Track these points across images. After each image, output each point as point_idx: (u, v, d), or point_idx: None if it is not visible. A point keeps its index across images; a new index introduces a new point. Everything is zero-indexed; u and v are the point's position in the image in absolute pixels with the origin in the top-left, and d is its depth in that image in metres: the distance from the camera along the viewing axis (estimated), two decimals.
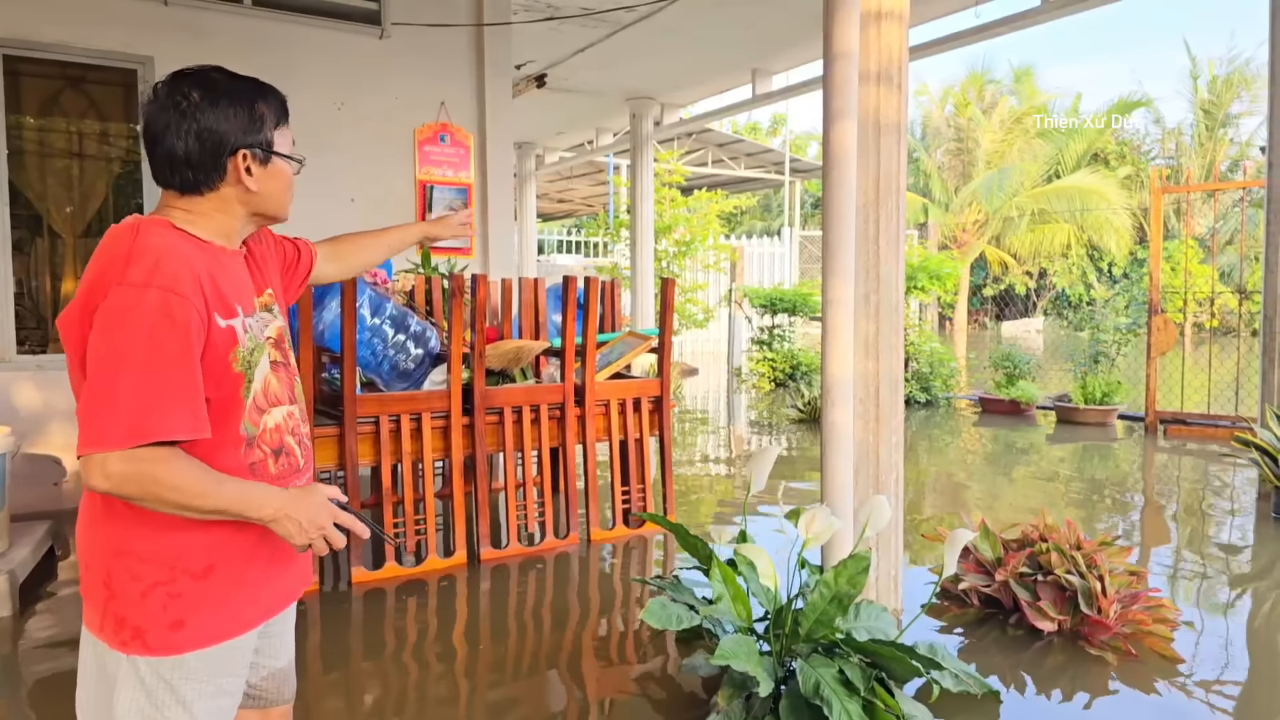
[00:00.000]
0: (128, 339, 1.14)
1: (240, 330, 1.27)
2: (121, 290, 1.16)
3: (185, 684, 1.27)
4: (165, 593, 1.25)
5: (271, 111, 1.34)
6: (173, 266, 1.19)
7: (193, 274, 1.21)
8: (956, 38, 6.42)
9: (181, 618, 1.26)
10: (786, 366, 9.89)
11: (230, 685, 1.34)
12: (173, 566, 1.25)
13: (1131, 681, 2.63)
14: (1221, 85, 20.45)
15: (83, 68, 4.74)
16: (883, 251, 2.89)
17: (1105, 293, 11.64)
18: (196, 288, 1.20)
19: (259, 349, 1.31)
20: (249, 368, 1.28)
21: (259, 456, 1.32)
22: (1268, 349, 4.82)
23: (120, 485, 1.15)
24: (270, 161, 1.33)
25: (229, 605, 1.30)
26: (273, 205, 1.36)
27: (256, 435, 1.31)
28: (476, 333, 3.63)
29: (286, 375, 1.39)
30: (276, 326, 1.38)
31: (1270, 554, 3.95)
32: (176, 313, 1.17)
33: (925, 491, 5.25)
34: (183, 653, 1.26)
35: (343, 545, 1.30)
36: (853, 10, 2.66)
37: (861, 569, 2.28)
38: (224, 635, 1.30)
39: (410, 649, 2.96)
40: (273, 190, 1.35)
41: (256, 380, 1.30)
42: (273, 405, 1.34)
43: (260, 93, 1.34)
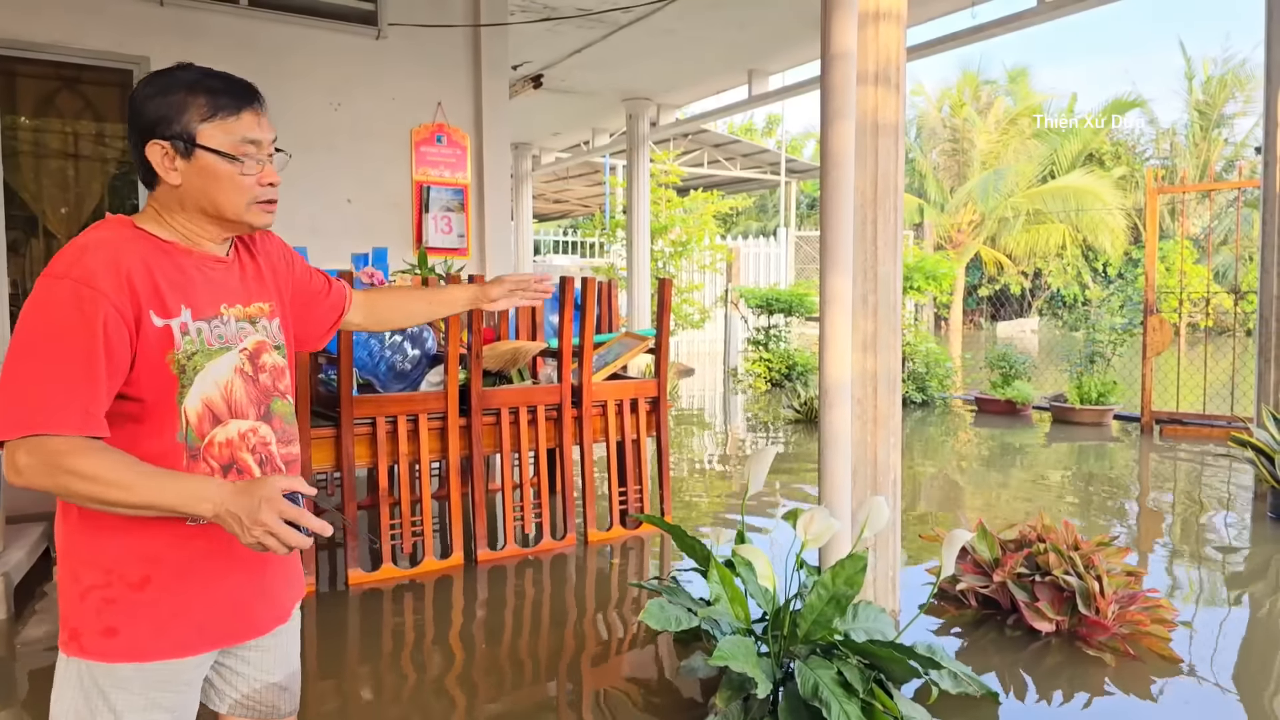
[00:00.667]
0: (32, 329, 1.14)
1: (178, 331, 1.22)
2: (41, 281, 1.16)
3: (116, 692, 1.25)
4: (100, 597, 1.24)
5: (206, 102, 1.24)
6: (94, 260, 1.16)
7: (118, 268, 1.17)
8: (953, 38, 6.43)
9: (114, 625, 1.24)
10: (783, 367, 9.89)
11: (167, 701, 1.29)
12: (109, 571, 1.24)
13: (1129, 682, 2.63)
14: (1216, 86, 20.52)
15: (78, 68, 4.72)
16: (881, 251, 2.89)
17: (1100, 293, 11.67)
18: (120, 282, 1.17)
19: (204, 354, 1.25)
20: (183, 371, 1.23)
21: (204, 470, 1.26)
22: (1263, 349, 4.83)
23: (31, 478, 1.12)
24: (194, 155, 1.24)
25: (166, 624, 1.26)
26: (209, 203, 1.27)
27: (201, 447, 1.26)
28: (473, 333, 3.62)
29: (257, 391, 1.32)
30: (255, 340, 1.33)
31: (1266, 554, 3.96)
32: (85, 306, 1.14)
33: (922, 492, 5.25)
34: (114, 661, 1.24)
35: (297, 543, 1.12)
36: (851, 11, 2.66)
37: (859, 569, 2.28)
38: (158, 654, 1.26)
39: (406, 651, 2.95)
40: (204, 187, 1.25)
41: (199, 386, 1.24)
42: (234, 416, 1.29)
43: (199, 83, 1.25)
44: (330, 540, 4.16)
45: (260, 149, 1.29)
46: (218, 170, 1.26)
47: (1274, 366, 4.77)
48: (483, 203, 5.58)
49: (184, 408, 1.23)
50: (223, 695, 1.42)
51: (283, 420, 1.37)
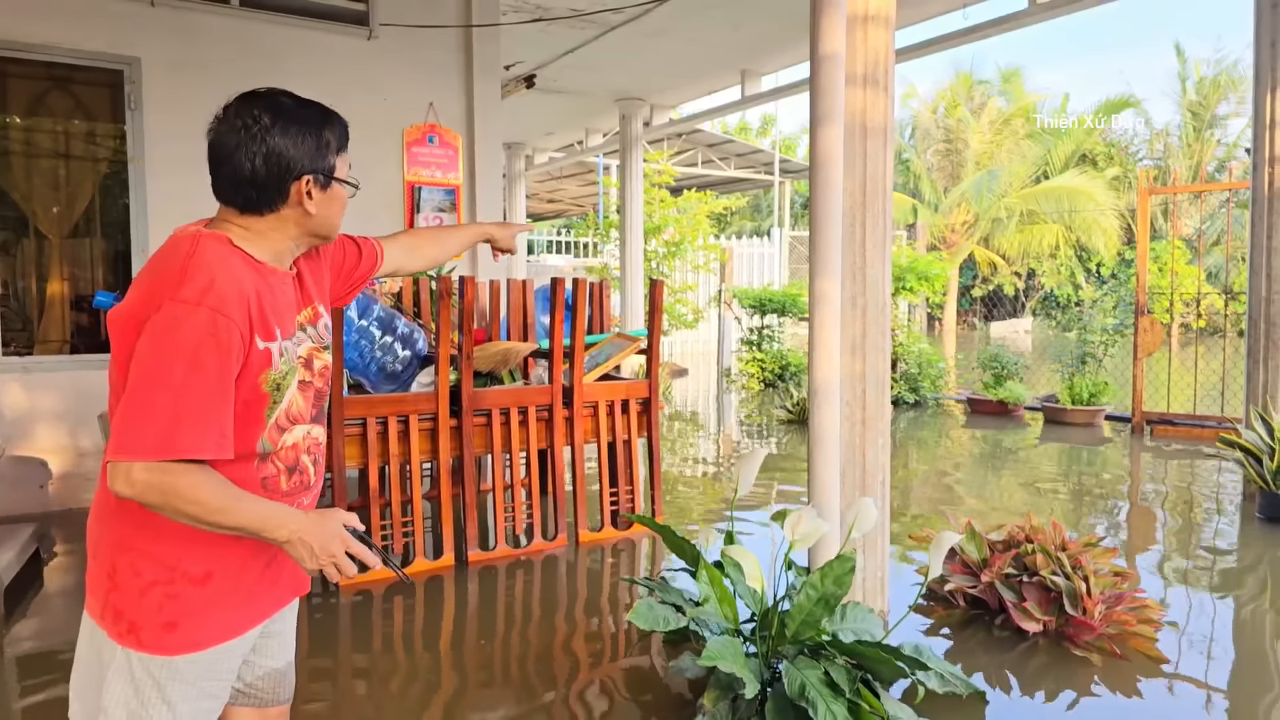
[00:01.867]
0: (172, 355, 1.18)
1: (276, 354, 1.30)
2: (173, 306, 1.20)
3: (171, 684, 1.31)
4: (163, 593, 1.29)
5: (335, 138, 1.37)
6: (224, 287, 1.23)
7: (242, 295, 1.24)
8: (945, 39, 6.45)
9: (175, 620, 1.29)
10: (775, 367, 9.91)
11: (215, 689, 1.36)
12: (173, 568, 1.29)
13: (1116, 682, 2.65)
14: (1208, 87, 20.60)
15: (69, 68, 4.71)
16: (869, 254, 2.90)
17: (1093, 293, 11.69)
18: (244, 309, 1.24)
19: (292, 372, 1.34)
20: (277, 390, 1.31)
21: (272, 471, 1.34)
22: (1252, 350, 4.85)
23: (143, 493, 1.18)
24: (330, 187, 1.36)
25: (222, 613, 1.33)
26: (326, 227, 1.40)
27: (273, 452, 1.34)
28: (464, 334, 3.63)
29: (313, 395, 1.40)
30: (309, 346, 1.40)
31: (1254, 554, 3.98)
32: (222, 334, 1.20)
33: (912, 492, 5.27)
34: (173, 654, 1.29)
35: (353, 574, 1.30)
36: (839, 13, 2.67)
37: (847, 570, 2.29)
38: (214, 641, 1.33)
39: (397, 651, 2.95)
40: (329, 214, 1.38)
41: (283, 402, 1.33)
42: (294, 423, 1.36)
43: (327, 120, 1.37)
44: None
45: None
46: (343, 197, 1.40)
47: (1263, 368, 4.79)
48: (474, 203, 5.58)
49: (269, 422, 1.31)
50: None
51: (324, 417, 1.48)
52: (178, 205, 4.75)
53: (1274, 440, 4.35)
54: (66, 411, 4.60)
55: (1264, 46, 4.68)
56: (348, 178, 1.41)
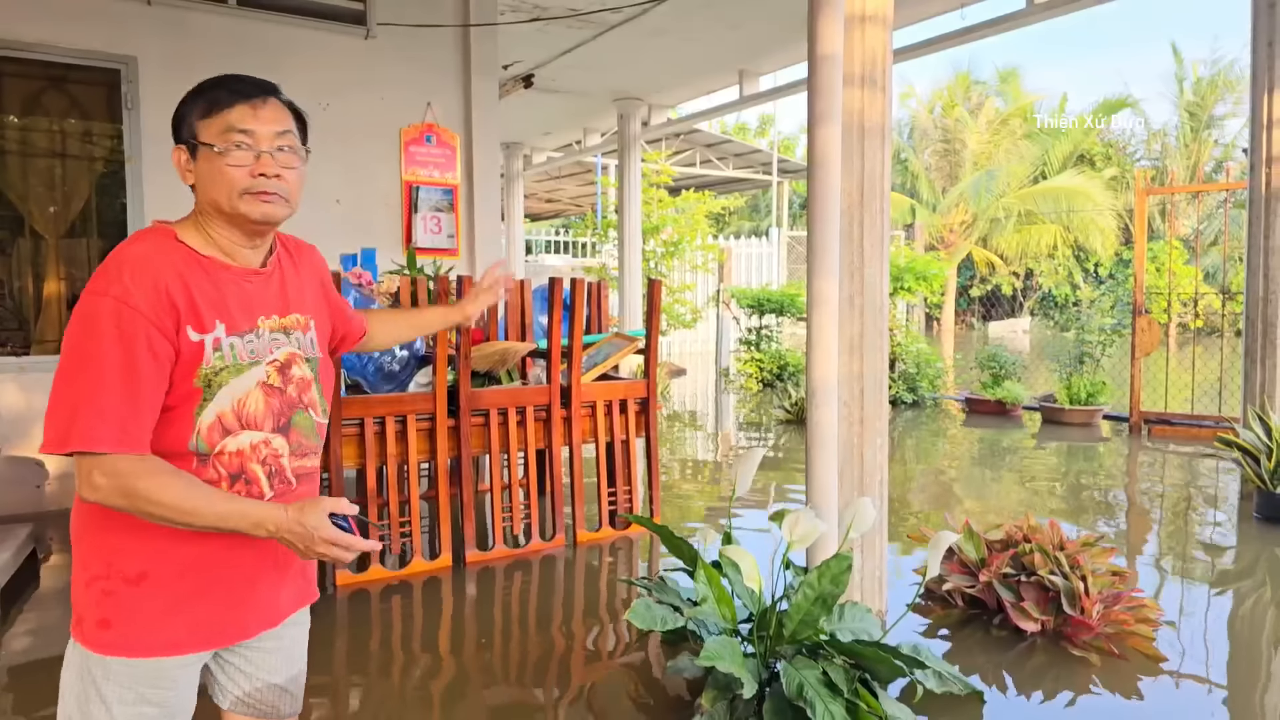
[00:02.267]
0: (76, 347, 1.18)
1: (210, 348, 1.26)
2: (85, 299, 1.20)
3: (106, 683, 1.28)
4: (100, 588, 1.28)
5: (202, 101, 1.29)
6: (133, 277, 1.20)
7: (157, 285, 1.21)
8: (943, 39, 6.45)
9: (108, 618, 1.27)
10: (774, 367, 9.91)
11: (155, 697, 1.31)
12: (109, 564, 1.27)
13: (1114, 681, 2.65)
14: (1206, 87, 20.64)
15: (65, 67, 4.70)
16: (867, 253, 2.90)
17: (1091, 293, 11.71)
18: (158, 299, 1.20)
19: (232, 370, 1.28)
20: (208, 385, 1.26)
21: (212, 476, 1.28)
22: (1250, 350, 4.86)
23: (107, 497, 1.18)
24: (198, 153, 1.28)
25: (158, 622, 1.28)
26: (210, 200, 1.29)
27: (211, 454, 1.28)
28: (462, 334, 3.62)
29: (281, 403, 1.34)
30: (287, 351, 1.35)
31: (1252, 554, 3.98)
32: (125, 324, 1.18)
33: (911, 492, 5.27)
34: (105, 654, 1.27)
35: (350, 559, 1.27)
36: (836, 13, 2.67)
37: (844, 569, 2.29)
38: (147, 652, 1.28)
39: (394, 652, 2.95)
40: (204, 184, 1.28)
41: (219, 400, 1.27)
42: (245, 428, 1.30)
43: (207, 86, 1.31)
44: None
45: (255, 140, 1.29)
46: (211, 164, 1.28)
47: (1260, 367, 4.80)
48: (472, 203, 5.57)
49: (199, 420, 1.27)
50: (225, 691, 1.45)
51: (301, 433, 1.38)
52: (174, 204, 4.72)
53: (1272, 440, 4.35)
54: None
55: (1261, 46, 4.69)
56: (212, 140, 1.26)
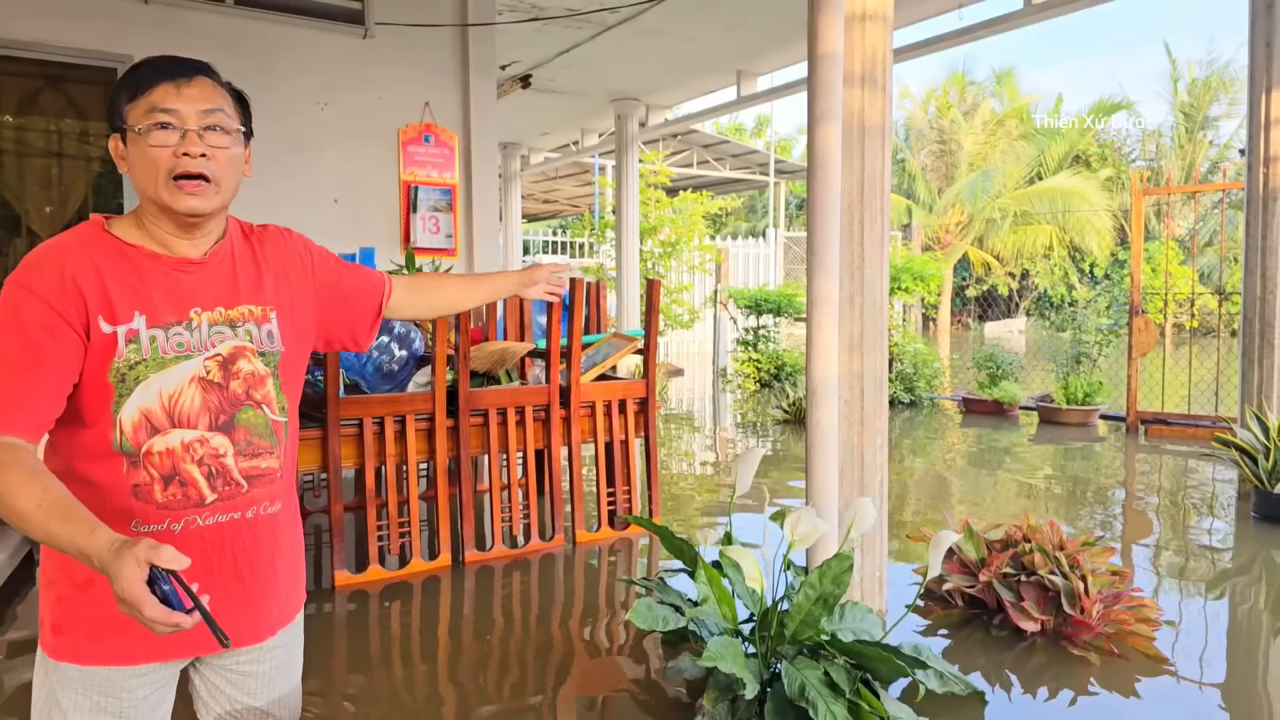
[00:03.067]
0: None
1: (122, 340, 1.18)
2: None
3: (62, 690, 1.26)
4: (54, 593, 1.26)
5: (127, 86, 1.21)
6: (39, 265, 1.17)
7: (62, 274, 1.17)
8: (940, 40, 6.46)
9: (60, 623, 1.26)
10: (771, 367, 9.91)
11: (110, 706, 1.27)
12: (61, 568, 1.25)
13: (1113, 681, 2.65)
14: (1201, 88, 20.70)
15: (61, 66, 4.68)
16: (867, 253, 2.89)
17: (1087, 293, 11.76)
18: (64, 288, 1.16)
19: (153, 364, 1.21)
20: (122, 380, 1.19)
21: (144, 479, 1.22)
22: (1247, 349, 4.87)
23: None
24: (127, 138, 1.21)
25: (105, 631, 1.23)
26: (138, 187, 1.22)
27: (140, 455, 1.21)
28: (461, 334, 3.61)
29: (221, 400, 1.25)
30: (234, 345, 1.26)
31: (1250, 553, 3.99)
32: (24, 310, 1.15)
33: (910, 492, 5.27)
34: (57, 659, 1.26)
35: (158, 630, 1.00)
36: (837, 12, 2.67)
37: (845, 569, 2.29)
38: (95, 660, 1.25)
39: (393, 653, 2.94)
40: (134, 170, 1.21)
41: (138, 397, 1.20)
42: (176, 425, 1.22)
43: (134, 68, 1.23)
44: (316, 541, 4.14)
45: (180, 119, 1.19)
46: (136, 147, 1.20)
47: (1257, 367, 4.81)
48: (470, 203, 5.57)
49: (119, 417, 1.20)
50: (206, 707, 1.40)
51: (249, 431, 1.28)
52: None
53: (1269, 440, 4.36)
54: None
55: (1259, 47, 4.70)
56: (135, 122, 1.19)
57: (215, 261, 1.29)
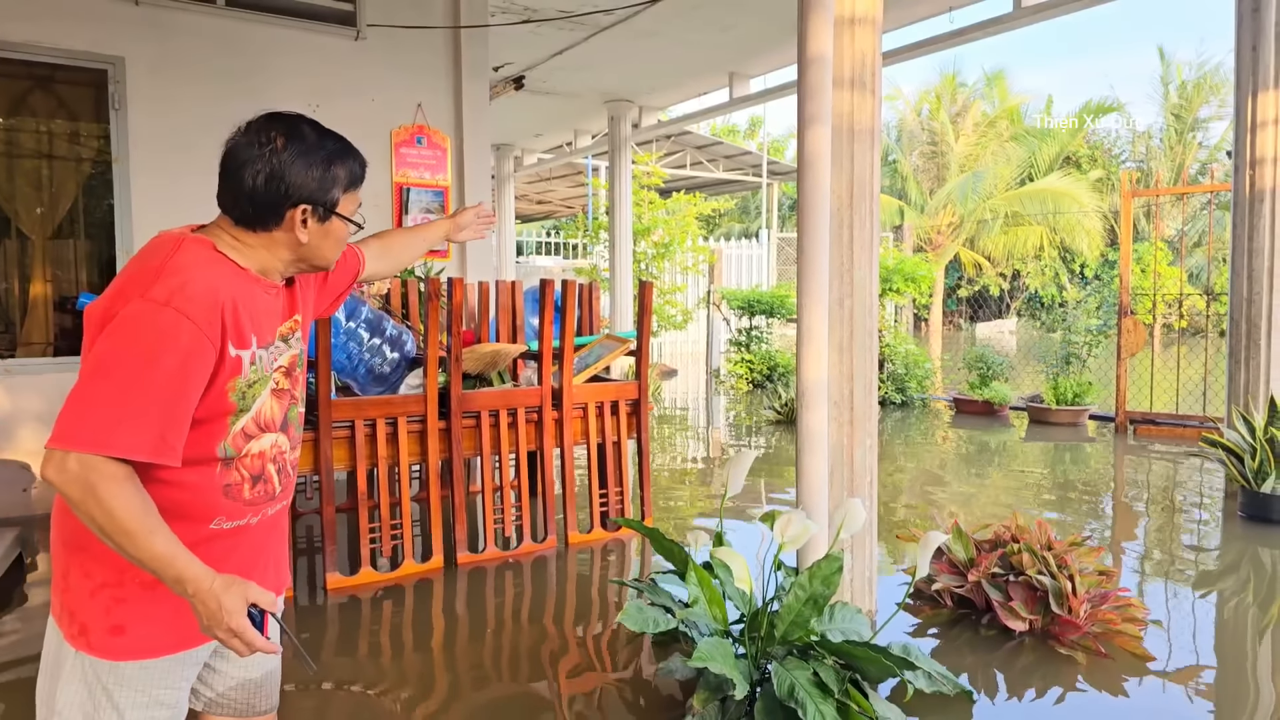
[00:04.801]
0: (128, 350, 1.17)
1: (247, 362, 1.29)
2: (141, 304, 1.19)
3: (119, 690, 1.29)
4: (111, 596, 1.27)
5: (346, 174, 1.37)
6: (195, 291, 1.21)
7: (214, 301, 1.23)
8: (931, 42, 6.49)
9: (122, 623, 1.28)
10: (764, 368, 9.94)
11: (167, 698, 1.34)
12: (123, 570, 1.27)
13: (1100, 680, 2.67)
14: (1191, 90, 20.84)
15: (51, 67, 4.66)
16: (856, 255, 2.91)
17: (1077, 294, 11.81)
18: (215, 315, 1.23)
19: (262, 381, 1.33)
20: (243, 398, 1.30)
21: (236, 479, 1.32)
22: (1234, 350, 4.91)
23: (67, 484, 1.15)
24: (329, 220, 1.36)
25: (172, 620, 1.30)
26: (318, 258, 1.39)
27: (237, 458, 1.32)
28: (453, 336, 3.62)
29: (286, 402, 1.40)
30: (290, 355, 1.40)
31: (1236, 552, 4.03)
32: (184, 338, 1.19)
33: (900, 492, 5.30)
34: (120, 660, 1.28)
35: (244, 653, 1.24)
36: (826, 15, 2.69)
37: (835, 570, 2.31)
38: (162, 650, 1.31)
39: (386, 654, 2.94)
40: (323, 247, 1.38)
41: (251, 410, 1.32)
42: (264, 431, 1.35)
43: (342, 155, 1.37)
44: (309, 544, 4.14)
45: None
46: (339, 232, 1.39)
47: (1244, 368, 4.85)
48: (464, 204, 5.57)
49: (234, 428, 1.30)
50: (199, 694, 1.46)
51: (295, 426, 1.44)
52: (161, 206, 4.72)
53: (1255, 439, 4.40)
54: (50, 414, 4.55)
55: (1245, 50, 4.74)
56: (352, 216, 1.40)
57: (283, 284, 1.43)
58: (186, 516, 1.28)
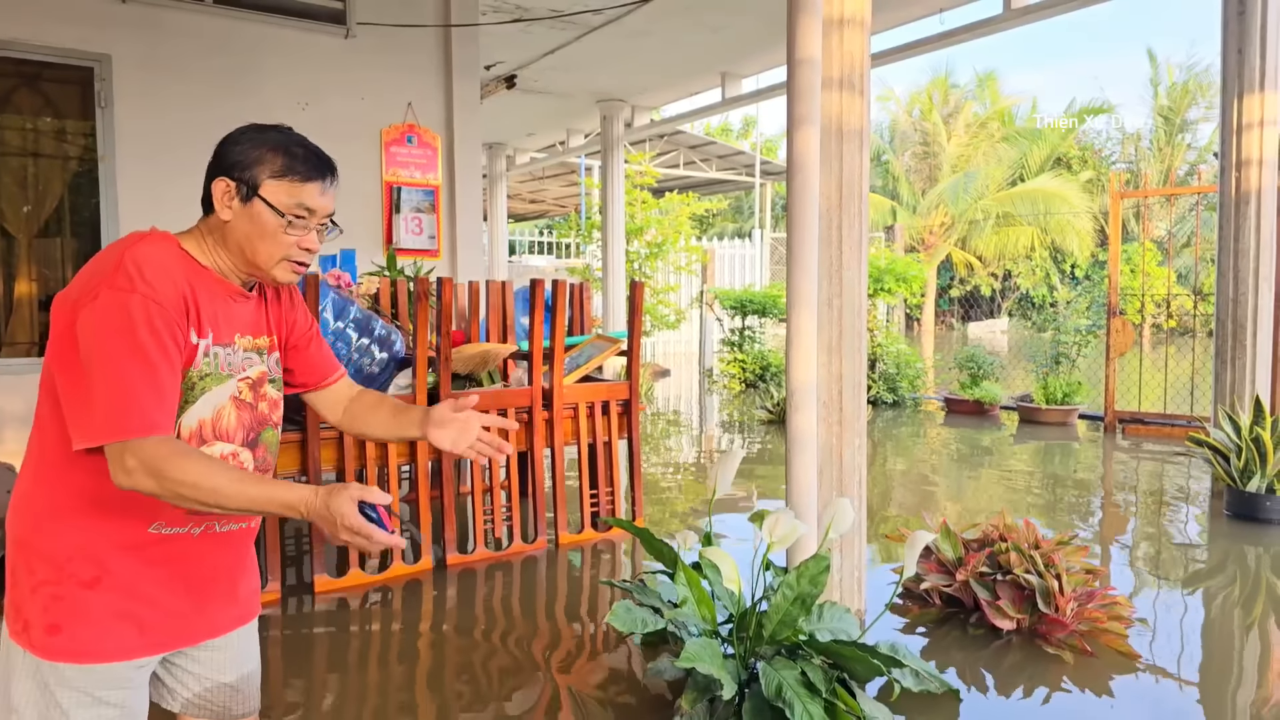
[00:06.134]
0: (112, 339, 1.21)
1: (201, 353, 1.31)
2: (110, 294, 1.22)
3: (61, 690, 1.29)
4: (50, 593, 1.28)
5: (276, 160, 1.33)
6: (153, 275, 1.26)
7: (175, 287, 1.27)
8: (922, 44, 6.51)
9: (58, 622, 1.28)
10: (756, 367, 9.95)
11: (113, 697, 1.32)
12: (62, 568, 1.28)
13: (1087, 678, 2.68)
14: (1180, 92, 20.96)
15: (37, 65, 4.63)
16: (845, 256, 2.92)
17: (1067, 294, 11.88)
18: (177, 296, 1.27)
19: (214, 378, 1.34)
20: (191, 389, 1.31)
21: None
22: (1220, 350, 4.94)
23: (139, 480, 1.19)
24: (251, 202, 1.32)
25: (110, 626, 1.29)
26: (250, 248, 1.34)
27: None
28: (442, 336, 3.61)
29: (252, 418, 1.40)
30: (258, 370, 1.41)
31: (1222, 551, 4.05)
32: (156, 319, 1.24)
33: (890, 491, 5.31)
34: (56, 660, 1.28)
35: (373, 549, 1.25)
36: (815, 17, 2.69)
37: (822, 569, 2.31)
38: (98, 657, 1.29)
39: (374, 656, 2.93)
40: (249, 232, 1.33)
41: (199, 406, 1.32)
42: (217, 439, 1.35)
43: (281, 142, 1.35)
44: (296, 545, 4.12)
45: (312, 217, 1.37)
46: (266, 222, 1.34)
47: (1230, 368, 4.88)
48: (454, 204, 5.56)
49: (181, 422, 1.31)
50: (175, 694, 1.46)
51: (267, 449, 1.45)
52: (148, 204, 4.69)
53: (1241, 439, 4.43)
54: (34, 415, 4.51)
55: (1231, 53, 4.77)
56: (279, 206, 1.32)
57: (254, 295, 1.44)
58: (127, 513, 1.29)
